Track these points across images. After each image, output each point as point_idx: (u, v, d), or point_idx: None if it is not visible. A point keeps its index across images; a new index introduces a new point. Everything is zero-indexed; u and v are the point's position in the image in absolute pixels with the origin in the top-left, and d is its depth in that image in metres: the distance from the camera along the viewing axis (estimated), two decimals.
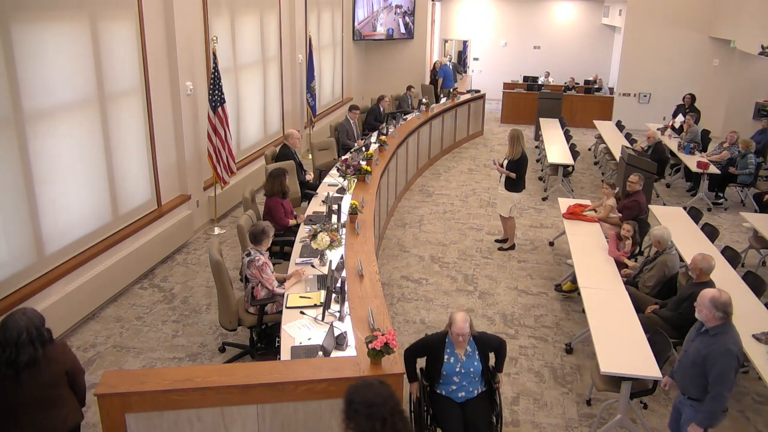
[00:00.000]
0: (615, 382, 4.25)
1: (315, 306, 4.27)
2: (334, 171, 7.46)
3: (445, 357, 3.84)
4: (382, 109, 10.87)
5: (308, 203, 6.61)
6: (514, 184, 7.24)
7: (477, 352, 3.87)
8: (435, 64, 14.81)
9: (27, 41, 4.89)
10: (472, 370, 3.84)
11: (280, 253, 6.10)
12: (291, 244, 5.74)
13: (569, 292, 6.36)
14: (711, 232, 6.69)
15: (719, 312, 3.46)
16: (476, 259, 7.28)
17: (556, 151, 10.01)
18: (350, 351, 3.71)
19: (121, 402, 3.16)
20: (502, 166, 7.25)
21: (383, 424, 2.52)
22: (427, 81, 15.52)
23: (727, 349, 3.42)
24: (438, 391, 3.89)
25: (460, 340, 3.78)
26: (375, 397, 2.57)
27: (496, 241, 7.77)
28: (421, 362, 3.98)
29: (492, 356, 4.02)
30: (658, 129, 11.59)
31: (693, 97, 12.09)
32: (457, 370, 3.83)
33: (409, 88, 12.82)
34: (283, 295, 4.53)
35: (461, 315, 3.80)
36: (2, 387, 3.05)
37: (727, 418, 4.59)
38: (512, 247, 7.57)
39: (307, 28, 11.06)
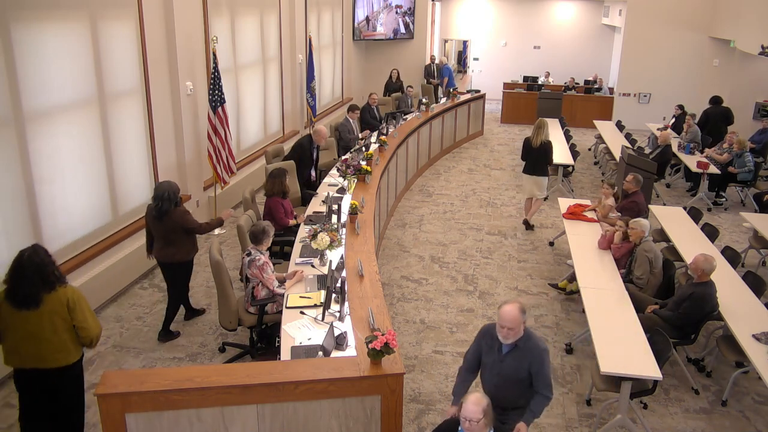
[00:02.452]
0: (615, 382, 4.25)
1: (315, 306, 4.27)
2: (334, 171, 7.46)
3: None
4: (373, 107, 10.85)
5: (307, 206, 6.61)
6: (541, 168, 8.09)
7: None
8: (392, 73, 13.54)
9: (27, 41, 4.89)
10: None
11: (280, 253, 6.10)
12: (291, 243, 5.75)
13: (571, 293, 6.35)
14: (711, 232, 6.69)
15: (525, 317, 3.44)
16: (476, 259, 7.28)
17: (556, 151, 9.97)
18: (350, 351, 3.71)
19: (121, 402, 3.16)
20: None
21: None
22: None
23: (544, 348, 3.48)
24: None
25: (468, 426, 3.03)
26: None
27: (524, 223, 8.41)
28: None
29: None
30: (658, 129, 11.60)
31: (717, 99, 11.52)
32: None
33: (407, 87, 12.81)
34: (283, 295, 4.54)
35: (474, 396, 3.06)
36: (152, 222, 5.18)
37: (727, 418, 4.61)
38: (527, 226, 8.26)
39: (307, 28, 11.06)
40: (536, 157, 7.99)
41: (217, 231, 7.75)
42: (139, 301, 6.03)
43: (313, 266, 4.94)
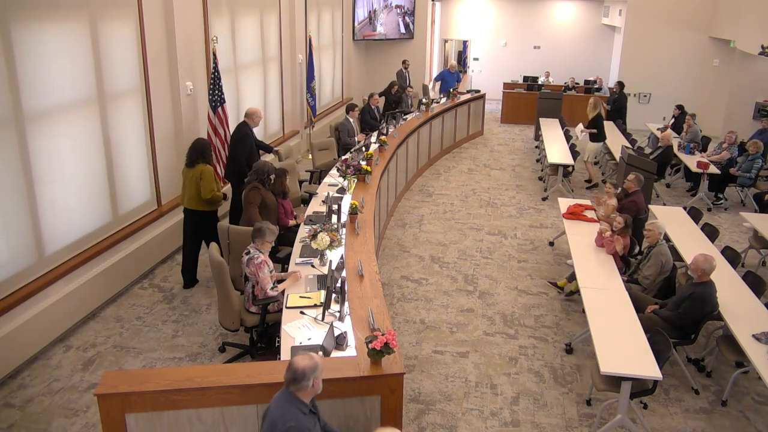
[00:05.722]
0: (615, 382, 4.25)
1: (315, 306, 4.27)
2: (334, 171, 7.46)
3: None
4: (374, 107, 10.84)
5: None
6: (597, 136, 10.05)
7: None
8: (393, 88, 12.24)
9: (27, 41, 4.88)
10: None
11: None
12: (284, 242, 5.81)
13: (570, 293, 6.35)
14: (711, 232, 6.69)
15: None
16: (476, 259, 7.28)
17: (556, 151, 10.00)
18: (350, 351, 3.71)
19: (121, 402, 3.17)
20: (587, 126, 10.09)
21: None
22: (427, 80, 15.52)
23: None
24: None
25: None
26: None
27: (586, 180, 10.20)
28: None
29: None
30: (658, 129, 11.60)
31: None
32: None
33: (408, 87, 12.79)
34: (275, 297, 4.55)
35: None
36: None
37: (727, 418, 4.61)
38: (595, 186, 9.89)
39: (307, 28, 11.06)
40: (602, 126, 10.03)
41: None
42: (139, 301, 6.03)
43: (313, 266, 4.94)
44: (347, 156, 7.47)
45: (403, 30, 15.12)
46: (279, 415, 2.91)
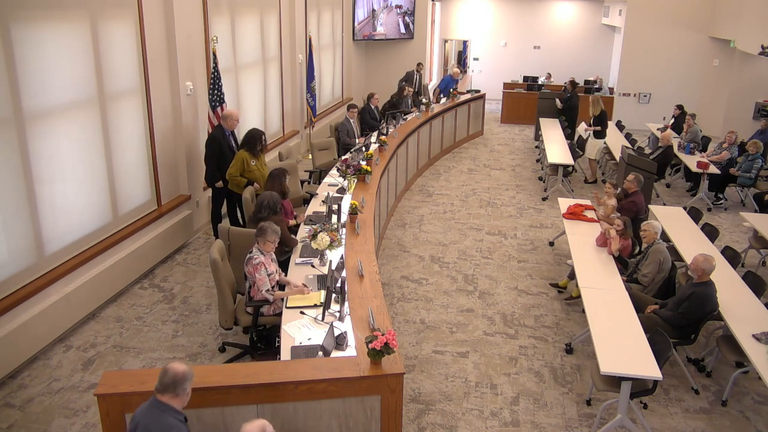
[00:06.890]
0: (615, 382, 4.26)
1: (315, 306, 4.27)
2: (334, 171, 7.46)
3: None
4: (374, 107, 10.83)
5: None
6: (600, 133, 10.33)
7: None
8: (406, 91, 11.89)
9: (27, 41, 4.88)
10: None
11: None
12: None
13: (571, 298, 6.33)
14: (711, 232, 6.69)
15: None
16: (476, 259, 7.28)
17: (556, 151, 10.00)
18: (350, 351, 3.71)
19: (121, 402, 3.17)
20: (590, 125, 10.43)
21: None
22: (427, 80, 15.49)
23: None
24: None
25: None
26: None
27: (585, 181, 10.47)
28: None
29: None
30: (658, 129, 11.60)
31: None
32: None
33: (408, 88, 12.77)
34: (267, 300, 4.57)
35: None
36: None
37: (727, 418, 4.61)
38: (593, 182, 10.24)
39: (307, 28, 11.06)
40: (606, 123, 10.56)
41: None
42: (139, 301, 6.03)
43: (313, 266, 4.94)
44: (347, 156, 7.48)
45: (403, 30, 15.12)
46: (157, 427, 2.82)
